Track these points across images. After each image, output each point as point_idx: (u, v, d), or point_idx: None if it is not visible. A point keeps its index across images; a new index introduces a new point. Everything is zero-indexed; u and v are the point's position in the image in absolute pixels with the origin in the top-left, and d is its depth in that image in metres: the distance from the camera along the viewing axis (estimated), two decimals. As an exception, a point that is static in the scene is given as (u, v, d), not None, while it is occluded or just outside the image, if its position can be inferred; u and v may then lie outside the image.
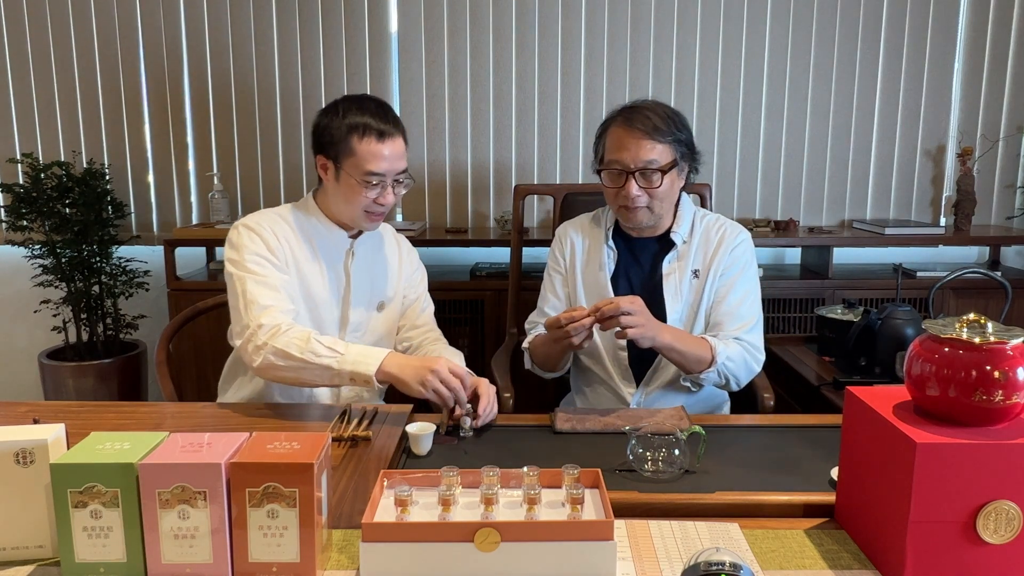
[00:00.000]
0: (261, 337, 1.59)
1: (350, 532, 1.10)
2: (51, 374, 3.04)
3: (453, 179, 3.27)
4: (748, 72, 3.19)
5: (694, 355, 1.70)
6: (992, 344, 0.96)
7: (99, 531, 0.97)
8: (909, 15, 3.16)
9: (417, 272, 1.97)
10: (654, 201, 1.75)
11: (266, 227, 1.72)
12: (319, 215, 1.79)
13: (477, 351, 2.94)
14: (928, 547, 0.95)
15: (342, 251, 1.80)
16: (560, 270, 1.93)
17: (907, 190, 3.29)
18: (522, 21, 3.16)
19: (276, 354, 1.58)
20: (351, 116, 1.68)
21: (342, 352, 1.58)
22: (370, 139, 1.67)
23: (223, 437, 1.03)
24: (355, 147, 1.67)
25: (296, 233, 1.76)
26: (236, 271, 1.68)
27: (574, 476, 1.09)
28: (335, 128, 1.68)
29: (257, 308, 1.62)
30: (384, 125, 1.68)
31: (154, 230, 3.31)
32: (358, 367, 1.56)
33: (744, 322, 1.79)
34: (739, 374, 1.77)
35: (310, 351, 1.57)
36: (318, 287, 1.76)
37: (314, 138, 1.75)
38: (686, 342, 1.71)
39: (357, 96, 1.75)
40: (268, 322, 1.60)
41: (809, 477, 1.32)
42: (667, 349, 1.69)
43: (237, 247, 1.70)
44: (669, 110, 1.76)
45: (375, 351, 1.60)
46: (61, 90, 3.21)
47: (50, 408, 1.71)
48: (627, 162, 1.71)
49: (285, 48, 3.18)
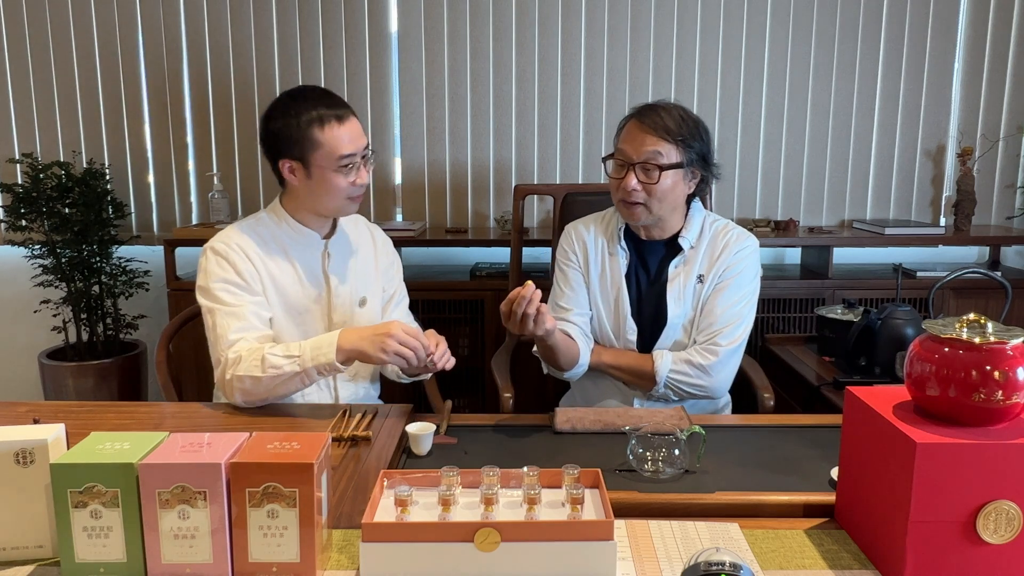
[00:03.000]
0: (228, 372, 1.61)
1: (350, 532, 1.10)
2: (51, 374, 3.04)
3: (453, 179, 3.27)
4: (748, 72, 3.19)
5: (631, 369, 1.80)
6: (992, 344, 0.96)
7: (99, 531, 0.97)
8: (909, 15, 3.16)
9: (393, 265, 1.96)
10: (652, 200, 1.73)
11: (234, 248, 1.71)
12: (290, 221, 1.77)
13: (477, 351, 2.94)
14: (928, 547, 0.95)
15: (317, 254, 1.79)
16: (575, 265, 1.89)
17: (907, 190, 3.29)
18: (522, 21, 3.16)
19: (244, 381, 1.60)
20: (303, 112, 1.67)
21: (297, 354, 1.60)
22: (331, 126, 1.67)
23: (223, 437, 1.03)
24: (319, 138, 1.66)
25: (268, 245, 1.75)
26: (206, 302, 1.69)
27: (574, 476, 1.09)
28: (291, 128, 1.67)
29: (224, 343, 1.64)
30: (338, 109, 1.69)
31: (154, 230, 3.31)
32: (319, 360, 1.59)
33: (723, 325, 1.76)
34: (689, 388, 1.77)
35: (271, 367, 1.59)
36: (298, 296, 1.76)
37: (269, 145, 1.72)
38: (622, 357, 1.82)
39: (295, 91, 1.73)
40: (232, 356, 1.62)
41: (809, 477, 1.32)
42: (605, 367, 1.82)
43: (206, 273, 1.70)
44: (687, 115, 1.75)
45: (326, 338, 1.62)
46: (61, 90, 3.21)
47: (50, 408, 1.71)
48: (630, 154, 1.72)
49: (285, 48, 3.18)
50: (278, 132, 1.69)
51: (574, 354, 1.77)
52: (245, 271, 1.69)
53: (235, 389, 1.61)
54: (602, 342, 1.86)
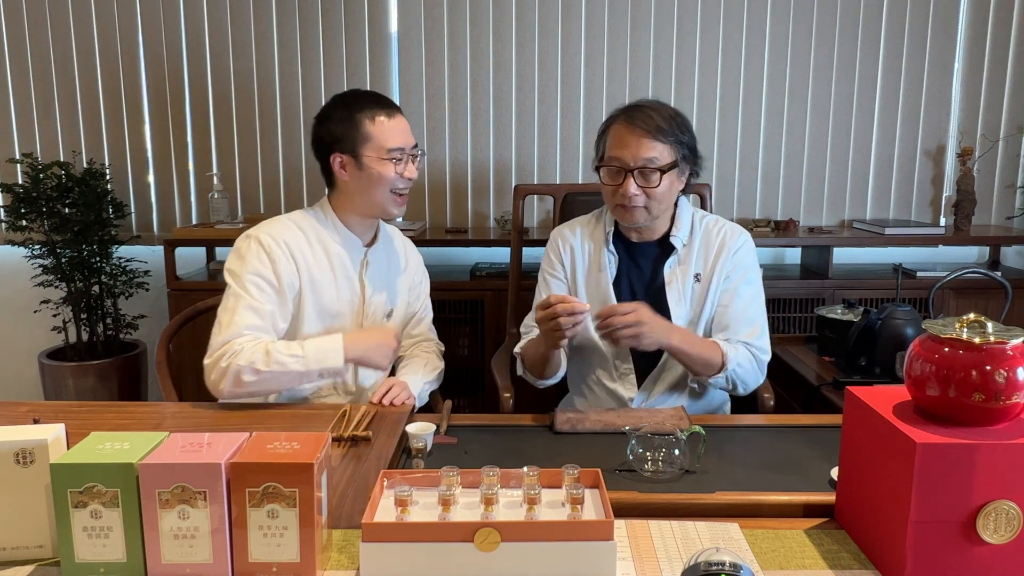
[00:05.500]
0: (227, 360, 1.61)
1: (350, 532, 1.10)
2: (51, 374, 3.04)
3: (453, 179, 3.27)
4: (748, 72, 3.19)
5: (702, 359, 1.70)
6: (992, 344, 0.96)
7: (99, 531, 0.97)
8: (909, 15, 3.16)
9: (422, 283, 1.99)
10: (651, 202, 1.73)
11: (280, 243, 1.71)
12: (336, 222, 1.79)
13: (477, 351, 2.94)
14: (928, 547, 0.95)
15: (357, 261, 1.81)
16: (559, 275, 1.89)
17: (907, 190, 3.29)
18: (522, 21, 3.16)
19: (242, 371, 1.60)
20: (353, 108, 1.71)
21: (302, 354, 1.62)
22: (381, 119, 1.71)
23: (223, 437, 1.03)
24: (370, 131, 1.70)
25: (312, 244, 1.76)
26: (234, 286, 1.68)
27: (574, 476, 1.08)
28: (343, 123, 1.70)
29: (234, 331, 1.64)
30: (387, 105, 1.74)
31: (154, 230, 3.31)
32: (324, 363, 1.63)
33: (753, 327, 1.78)
34: (748, 380, 1.76)
35: (276, 362, 1.60)
36: (332, 299, 1.77)
37: (320, 144, 1.75)
38: (695, 345, 1.70)
39: (347, 92, 1.78)
40: (236, 347, 1.61)
41: (809, 477, 1.32)
42: (675, 351, 1.69)
43: (243, 259, 1.70)
44: (672, 111, 1.75)
45: (330, 341, 1.65)
46: (61, 90, 3.21)
47: (50, 408, 1.71)
48: (626, 159, 1.70)
49: (285, 48, 3.18)
50: (328, 130, 1.72)
51: (558, 364, 1.81)
52: (284, 271, 1.70)
53: (229, 377, 1.60)
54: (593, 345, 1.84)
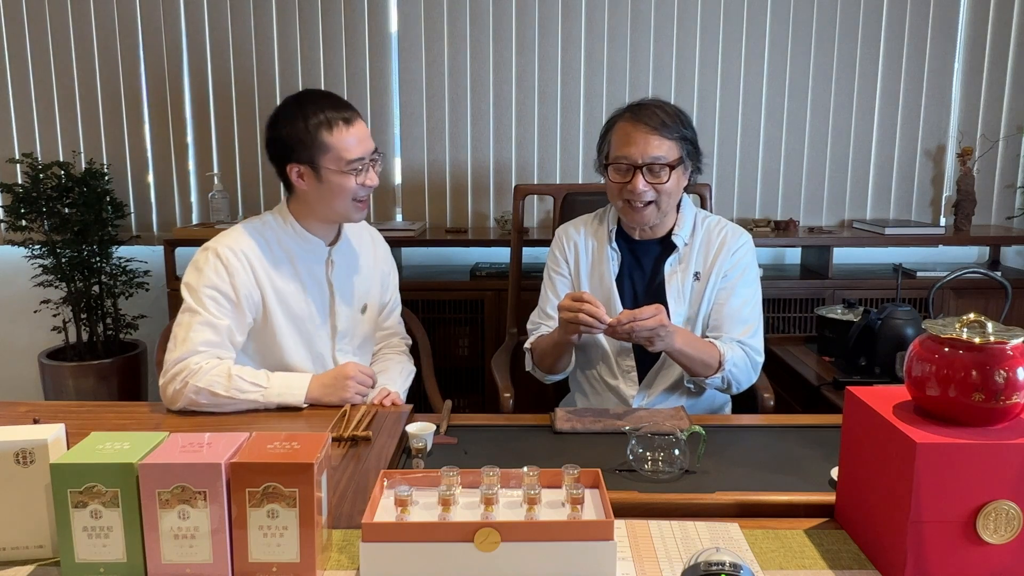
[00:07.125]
0: (184, 378, 1.58)
1: (350, 532, 1.10)
2: (51, 374, 3.04)
3: (453, 179, 3.27)
4: (748, 72, 3.19)
5: (701, 359, 1.71)
6: (992, 344, 0.96)
7: (99, 531, 0.97)
8: (909, 15, 3.16)
9: (391, 274, 1.98)
10: (660, 197, 1.74)
11: (239, 255, 1.68)
12: (296, 227, 1.76)
13: (477, 351, 2.94)
14: (928, 547, 0.95)
15: (321, 261, 1.79)
16: (563, 272, 1.91)
17: (907, 190, 3.29)
18: (522, 21, 3.16)
19: (199, 393, 1.58)
20: (310, 116, 1.66)
21: (265, 385, 1.62)
22: (340, 129, 1.66)
23: (223, 437, 1.03)
24: (328, 142, 1.66)
25: (274, 251, 1.74)
26: (190, 300, 1.66)
27: (574, 476, 1.08)
28: (300, 133, 1.66)
29: (189, 349, 1.61)
30: (345, 112, 1.69)
31: (154, 230, 3.31)
32: (284, 399, 1.63)
33: (747, 326, 1.79)
34: (742, 380, 1.78)
35: (235, 388, 1.59)
36: (301, 304, 1.75)
37: (276, 151, 1.71)
38: (695, 346, 1.71)
39: (301, 95, 1.73)
40: (193, 366, 1.59)
41: (809, 477, 1.32)
42: (677, 353, 1.70)
43: (200, 272, 1.67)
44: (675, 108, 1.76)
45: (297, 380, 1.65)
46: (60, 90, 3.21)
47: (50, 408, 1.71)
48: (635, 157, 1.71)
49: (285, 48, 3.18)
50: (286, 137, 1.68)
51: (568, 360, 1.84)
52: (242, 284, 1.68)
53: (185, 396, 1.58)
54: (596, 342, 1.85)
